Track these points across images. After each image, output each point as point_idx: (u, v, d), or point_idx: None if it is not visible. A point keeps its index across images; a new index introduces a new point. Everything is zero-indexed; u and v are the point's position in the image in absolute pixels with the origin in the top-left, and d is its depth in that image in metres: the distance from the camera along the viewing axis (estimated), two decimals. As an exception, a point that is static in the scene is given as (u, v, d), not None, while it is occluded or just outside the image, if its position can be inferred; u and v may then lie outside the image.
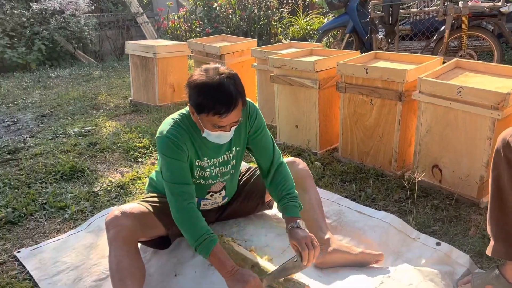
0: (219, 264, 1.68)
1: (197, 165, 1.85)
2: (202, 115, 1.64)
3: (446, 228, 2.19)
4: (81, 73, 6.81)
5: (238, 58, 4.11)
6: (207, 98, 1.58)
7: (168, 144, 1.72)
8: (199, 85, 1.60)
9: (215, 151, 1.86)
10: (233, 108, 1.60)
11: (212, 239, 1.69)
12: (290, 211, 1.83)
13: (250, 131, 1.90)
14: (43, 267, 2.05)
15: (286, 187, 1.88)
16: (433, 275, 1.82)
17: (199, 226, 1.70)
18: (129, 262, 1.71)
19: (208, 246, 1.67)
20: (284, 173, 1.93)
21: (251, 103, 1.89)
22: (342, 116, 2.95)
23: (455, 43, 4.89)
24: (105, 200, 2.65)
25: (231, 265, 1.67)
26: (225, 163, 1.92)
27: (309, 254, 1.68)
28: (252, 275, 1.67)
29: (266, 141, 1.94)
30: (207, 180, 1.92)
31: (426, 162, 2.59)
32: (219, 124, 1.64)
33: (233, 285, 1.65)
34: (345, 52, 3.26)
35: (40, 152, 3.38)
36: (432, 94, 2.43)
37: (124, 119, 4.28)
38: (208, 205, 2.06)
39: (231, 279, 1.65)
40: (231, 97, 1.59)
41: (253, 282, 1.63)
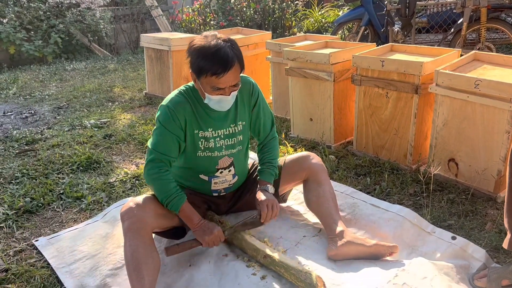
0: (187, 218, 1.87)
1: (201, 136, 1.93)
2: (201, 78, 1.74)
3: (462, 223, 2.16)
4: (97, 66, 6.87)
5: (253, 51, 4.10)
6: (205, 59, 1.70)
7: (165, 113, 1.84)
8: (197, 49, 1.72)
9: (219, 121, 1.94)
10: (230, 68, 1.70)
11: (181, 197, 1.84)
12: (264, 176, 2.04)
13: (254, 109, 2.04)
14: (60, 255, 2.08)
15: (269, 156, 2.09)
16: (448, 269, 1.81)
17: (170, 185, 1.83)
18: (144, 252, 1.74)
19: (177, 203, 1.83)
20: (273, 145, 2.14)
21: (253, 82, 2.03)
22: (357, 109, 2.93)
23: (473, 36, 4.81)
24: (120, 191, 2.68)
25: (198, 219, 1.87)
26: (230, 136, 1.99)
27: (267, 215, 1.91)
28: (216, 227, 1.88)
29: (265, 117, 2.10)
30: (212, 152, 1.97)
31: (442, 156, 2.56)
32: (218, 86, 1.74)
33: (199, 235, 1.86)
34: (360, 45, 3.23)
35: (57, 143, 3.43)
36: (449, 87, 2.39)
37: (139, 112, 4.32)
38: (219, 184, 2.08)
39: (198, 229, 1.86)
40: (227, 57, 1.69)
41: (216, 233, 1.85)
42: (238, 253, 2.02)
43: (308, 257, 1.97)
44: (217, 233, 1.86)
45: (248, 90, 2.01)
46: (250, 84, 2.02)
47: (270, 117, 2.15)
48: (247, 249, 1.97)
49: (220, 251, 2.03)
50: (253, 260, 1.95)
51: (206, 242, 1.85)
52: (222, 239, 1.90)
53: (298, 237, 2.12)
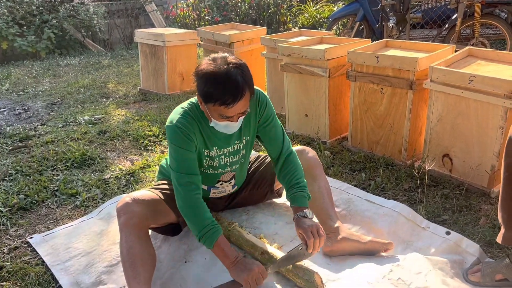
0: (222, 255, 1.70)
1: (206, 154, 1.85)
2: (209, 105, 1.63)
3: (456, 218, 2.18)
4: (90, 61, 6.83)
5: (247, 47, 4.10)
6: (214, 88, 1.58)
7: (177, 133, 1.72)
8: (206, 75, 1.60)
9: (224, 141, 1.86)
10: (240, 99, 1.59)
11: (216, 230, 1.70)
12: (298, 201, 1.84)
13: (260, 120, 1.89)
14: (55, 252, 2.08)
15: (295, 177, 1.88)
16: (443, 264, 1.82)
17: (204, 217, 1.71)
18: (140, 248, 1.73)
19: (212, 237, 1.68)
20: (294, 162, 1.93)
21: (261, 92, 1.88)
22: (352, 105, 2.93)
23: (467, 32, 4.82)
24: (115, 188, 2.67)
25: (234, 255, 1.70)
26: (234, 153, 1.92)
27: (314, 243, 1.68)
28: (256, 263, 1.69)
29: (276, 130, 1.94)
30: (216, 170, 1.93)
31: (437, 152, 2.58)
32: (226, 114, 1.64)
33: (237, 275, 1.67)
34: (355, 40, 3.23)
35: (51, 140, 3.41)
36: (443, 83, 2.40)
37: (133, 108, 4.30)
38: (218, 193, 2.07)
39: (234, 268, 1.68)
40: (238, 87, 1.58)
41: (256, 270, 1.66)
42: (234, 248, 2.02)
43: (303, 253, 1.97)
44: (257, 269, 1.66)
45: (254, 101, 1.84)
46: (257, 93, 1.84)
47: (280, 127, 1.97)
48: (244, 246, 1.97)
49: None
50: (250, 256, 1.95)
51: (246, 282, 1.65)
52: (265, 276, 1.69)
53: (293, 234, 2.11)
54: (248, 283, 1.65)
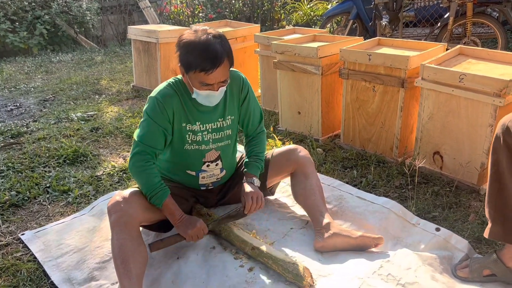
0: (170, 212, 1.85)
1: (188, 129, 1.93)
2: (190, 73, 1.73)
3: (446, 214, 2.20)
4: (83, 58, 6.80)
5: (241, 44, 4.10)
6: (194, 55, 1.68)
7: (154, 105, 1.83)
8: (186, 44, 1.71)
9: (208, 115, 1.94)
10: (219, 65, 1.69)
11: (165, 190, 1.83)
12: (250, 168, 2.03)
13: (243, 103, 2.03)
14: (47, 249, 2.08)
15: (256, 149, 2.09)
16: (432, 259, 1.84)
17: (154, 179, 1.83)
18: (131, 246, 1.74)
19: (161, 197, 1.82)
20: (261, 139, 2.14)
21: (243, 77, 2.02)
22: (345, 103, 2.95)
23: (459, 30, 4.86)
24: (108, 184, 2.67)
25: (180, 213, 1.86)
26: (218, 130, 1.99)
27: (251, 206, 1.90)
28: (199, 220, 1.87)
29: (255, 112, 2.10)
30: (200, 145, 1.98)
31: (428, 149, 2.60)
32: (206, 82, 1.73)
33: (182, 230, 1.85)
34: (348, 38, 3.24)
35: (43, 137, 3.40)
36: (434, 81, 2.42)
37: (126, 104, 4.29)
38: (207, 178, 2.09)
39: (180, 225, 1.85)
40: (216, 54, 1.68)
41: (199, 226, 1.85)
42: (226, 245, 2.03)
43: (295, 249, 1.99)
44: (199, 225, 1.85)
45: (238, 84, 2.00)
46: (240, 78, 2.01)
47: (258, 111, 2.16)
48: (235, 241, 1.98)
49: (208, 244, 2.04)
50: (241, 252, 1.97)
51: (189, 236, 1.85)
52: (206, 231, 1.89)
53: (285, 230, 2.14)
54: (190, 236, 1.84)
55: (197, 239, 1.87)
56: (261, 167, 2.08)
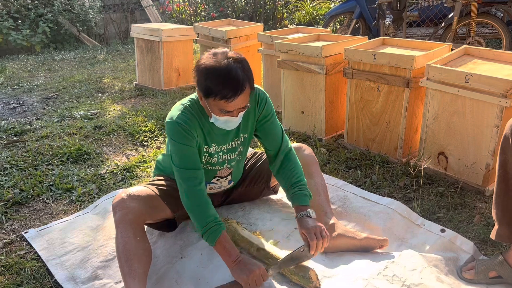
0: (224, 252, 1.70)
1: (205, 151, 1.86)
2: (209, 100, 1.62)
3: (451, 215, 2.19)
4: (86, 56, 6.80)
5: (244, 43, 4.09)
6: (214, 82, 1.57)
7: (178, 130, 1.71)
8: (206, 69, 1.59)
9: (223, 137, 1.86)
10: (240, 93, 1.59)
11: (219, 227, 1.70)
12: (300, 200, 1.83)
13: (259, 117, 1.89)
14: (50, 247, 2.07)
15: (295, 175, 1.88)
16: (437, 261, 1.83)
17: (208, 213, 1.71)
18: (136, 244, 1.73)
19: (214, 234, 1.69)
20: (293, 160, 1.92)
21: (261, 90, 1.88)
22: (349, 103, 2.94)
23: (463, 30, 4.84)
24: (111, 183, 2.67)
25: (236, 254, 1.69)
26: (232, 150, 1.93)
27: (317, 244, 1.69)
28: (257, 264, 1.67)
29: (274, 128, 1.93)
30: (214, 166, 1.93)
31: (432, 150, 2.59)
32: (226, 109, 1.63)
33: (238, 274, 1.66)
34: (352, 38, 3.23)
35: (46, 135, 3.39)
36: (440, 81, 2.41)
37: (129, 103, 4.28)
38: (214, 189, 2.07)
39: (236, 268, 1.67)
40: (238, 81, 1.57)
41: (257, 272, 1.64)
42: (230, 245, 2.02)
43: (299, 249, 1.98)
44: (258, 271, 1.64)
45: (255, 97, 1.84)
46: (256, 91, 1.84)
47: (279, 125, 1.98)
48: (240, 242, 1.97)
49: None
50: (246, 252, 1.96)
51: (246, 283, 1.64)
52: (266, 278, 1.67)
53: (289, 230, 2.13)
54: (248, 284, 1.64)
55: (258, 285, 1.65)
56: (310, 194, 1.87)
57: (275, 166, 1.94)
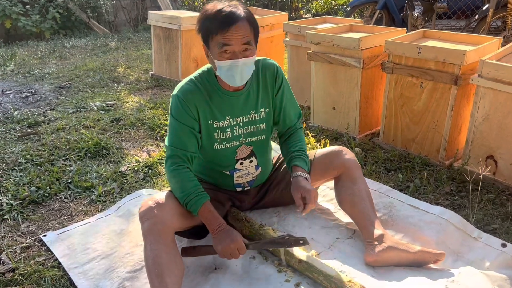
0: (206, 221, 1.67)
1: (216, 126, 1.77)
2: (210, 43, 1.61)
3: (507, 227, 2.00)
4: (97, 43, 6.60)
5: (268, 33, 3.88)
6: (211, 19, 1.58)
7: (177, 104, 1.71)
8: (203, 14, 1.61)
9: (238, 108, 1.78)
10: (236, 21, 1.55)
11: (201, 197, 1.66)
12: (300, 162, 1.83)
13: (277, 93, 1.86)
14: (72, 254, 1.90)
15: (300, 145, 1.90)
16: (502, 280, 1.65)
17: (188, 185, 1.67)
18: (167, 257, 1.57)
19: (196, 204, 1.65)
20: (300, 135, 1.95)
21: (277, 65, 1.86)
22: (387, 99, 2.73)
23: (497, 23, 4.60)
24: (133, 181, 2.49)
25: (217, 223, 1.65)
26: (251, 123, 1.83)
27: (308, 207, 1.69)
28: (237, 238, 1.62)
29: (291, 106, 1.93)
30: (229, 142, 1.81)
31: (480, 152, 2.39)
32: (225, 42, 1.56)
33: (215, 244, 1.63)
34: (390, 29, 3.02)
35: (62, 127, 3.21)
36: (494, 79, 2.21)
37: (147, 94, 4.09)
38: (242, 177, 1.92)
39: (216, 237, 1.64)
40: (233, 12, 1.56)
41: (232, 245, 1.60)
42: (267, 255, 1.85)
43: (344, 262, 1.81)
44: (234, 245, 1.60)
45: (272, 73, 1.82)
46: (274, 66, 1.84)
47: (296, 106, 1.97)
48: (278, 252, 1.80)
49: (247, 253, 1.85)
50: (283, 263, 1.79)
51: (222, 254, 1.62)
52: (243, 252, 1.63)
53: (331, 240, 1.95)
54: (223, 254, 1.62)
55: (231, 258, 1.63)
56: (309, 164, 1.88)
57: (283, 138, 1.98)
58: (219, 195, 1.94)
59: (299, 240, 1.69)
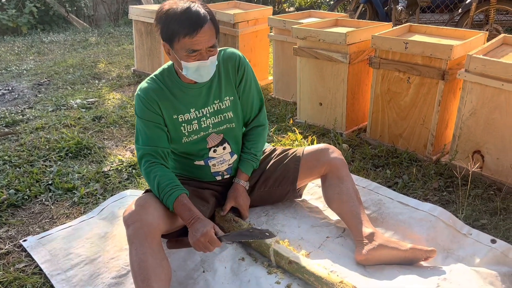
0: (180, 215, 1.66)
1: (181, 120, 1.77)
2: (175, 45, 1.58)
3: (496, 222, 2.00)
4: (77, 38, 6.44)
5: (253, 27, 3.81)
6: (175, 22, 1.55)
7: (139, 103, 1.72)
8: (165, 14, 1.58)
9: (201, 99, 1.78)
10: (202, 25, 1.55)
11: (175, 190, 1.65)
12: (246, 168, 1.94)
13: (240, 82, 1.86)
14: (54, 259, 1.83)
15: (255, 147, 1.95)
16: (492, 277, 1.65)
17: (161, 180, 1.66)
18: (153, 261, 1.52)
19: (170, 198, 1.64)
20: (260, 134, 1.97)
21: (240, 54, 1.86)
22: (374, 95, 2.71)
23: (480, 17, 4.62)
24: (116, 182, 2.42)
25: (190, 215, 1.63)
26: (217, 113, 1.83)
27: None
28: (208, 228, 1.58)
29: (253, 97, 1.92)
30: (198, 134, 1.80)
31: (467, 147, 2.39)
32: (193, 47, 1.56)
33: (191, 236, 1.61)
34: (375, 24, 2.99)
35: (41, 126, 3.11)
36: (481, 74, 2.20)
37: (129, 91, 4.00)
38: (218, 165, 1.90)
39: (190, 230, 1.62)
40: (198, 15, 1.55)
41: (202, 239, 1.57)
42: (256, 256, 1.82)
43: (335, 261, 1.78)
44: (203, 239, 1.55)
45: (234, 62, 1.83)
46: (237, 56, 1.84)
47: (258, 98, 1.97)
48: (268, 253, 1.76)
49: (236, 254, 1.82)
50: (273, 264, 1.75)
51: (194, 246, 1.59)
52: (216, 245, 1.58)
53: (321, 239, 1.93)
54: (196, 246, 1.60)
55: (206, 251, 1.59)
56: (256, 166, 1.99)
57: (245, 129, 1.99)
58: (202, 192, 1.90)
59: (265, 232, 1.66)
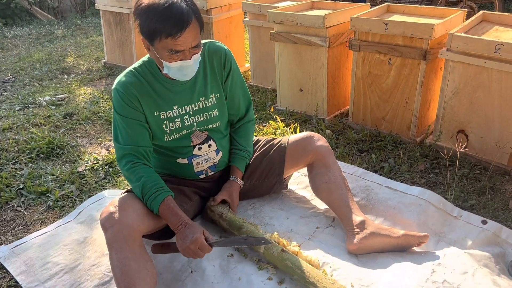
0: (166, 220, 1.57)
1: (163, 118, 1.66)
2: (155, 43, 1.47)
3: (484, 202, 1.99)
4: (42, 32, 6.16)
5: (226, 13, 3.69)
6: (156, 20, 1.43)
7: (116, 97, 1.60)
8: (145, 8, 1.45)
9: (185, 96, 1.68)
10: (187, 26, 1.43)
11: (160, 193, 1.56)
12: (241, 164, 1.87)
13: (226, 78, 1.77)
14: (30, 270, 1.72)
15: (247, 143, 1.89)
16: (486, 259, 1.62)
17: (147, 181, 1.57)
18: (136, 265, 1.44)
19: (155, 201, 1.55)
20: (249, 130, 1.91)
21: (226, 49, 1.76)
22: (355, 78, 2.66)
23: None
24: (93, 182, 2.30)
25: (177, 220, 1.54)
26: (202, 111, 1.73)
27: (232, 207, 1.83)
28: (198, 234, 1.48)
29: (241, 94, 1.84)
30: (181, 132, 1.70)
31: (450, 127, 2.37)
32: (175, 48, 1.46)
33: (179, 243, 1.51)
34: (353, 5, 2.91)
35: (9, 126, 2.94)
36: (463, 52, 2.16)
37: (100, 84, 3.83)
38: (202, 163, 1.80)
39: (178, 236, 1.53)
40: (182, 14, 1.43)
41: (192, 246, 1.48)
42: (246, 252, 1.75)
43: (326, 252, 1.73)
44: (193, 246, 1.47)
45: (220, 58, 1.72)
46: (222, 51, 1.74)
47: (246, 95, 1.88)
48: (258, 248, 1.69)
49: (224, 251, 1.75)
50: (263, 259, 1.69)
51: (184, 254, 1.51)
52: (206, 251, 1.51)
53: (310, 230, 1.87)
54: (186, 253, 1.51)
55: (196, 257, 1.51)
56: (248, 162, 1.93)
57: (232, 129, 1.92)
58: (184, 189, 1.81)
59: (261, 240, 1.57)
